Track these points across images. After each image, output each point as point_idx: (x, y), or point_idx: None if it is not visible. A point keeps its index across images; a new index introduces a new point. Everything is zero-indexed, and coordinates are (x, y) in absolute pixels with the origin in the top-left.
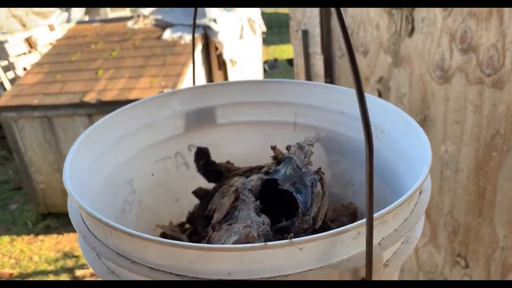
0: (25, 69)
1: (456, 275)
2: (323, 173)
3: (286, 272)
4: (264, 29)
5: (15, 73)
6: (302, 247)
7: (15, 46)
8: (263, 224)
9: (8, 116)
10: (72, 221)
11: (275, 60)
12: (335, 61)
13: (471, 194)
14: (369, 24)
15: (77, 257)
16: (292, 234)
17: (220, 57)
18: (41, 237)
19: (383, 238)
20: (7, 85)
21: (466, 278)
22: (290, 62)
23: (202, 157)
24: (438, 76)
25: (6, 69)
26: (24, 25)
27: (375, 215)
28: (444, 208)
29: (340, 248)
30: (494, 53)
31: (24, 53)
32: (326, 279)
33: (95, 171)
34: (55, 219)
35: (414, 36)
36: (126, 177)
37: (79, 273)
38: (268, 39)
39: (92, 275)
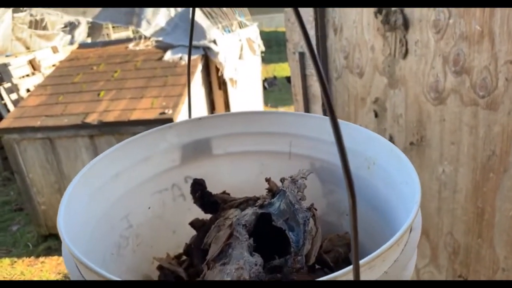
0: (28, 90)
1: None
2: (315, 209)
3: None
4: (263, 48)
5: (18, 94)
6: None
7: (18, 68)
8: (256, 265)
9: (10, 138)
10: (66, 266)
11: (274, 77)
12: (332, 82)
13: (469, 215)
14: (364, 47)
15: None
16: None
17: (220, 77)
18: (42, 258)
19: None
20: (11, 107)
21: None
22: (289, 79)
23: (198, 189)
24: (433, 98)
25: (10, 91)
26: (28, 48)
27: (361, 261)
28: (444, 228)
29: None
30: (487, 75)
31: (28, 75)
32: None
33: (92, 208)
34: (56, 240)
35: (408, 58)
36: (123, 212)
37: None
38: (267, 57)
39: None
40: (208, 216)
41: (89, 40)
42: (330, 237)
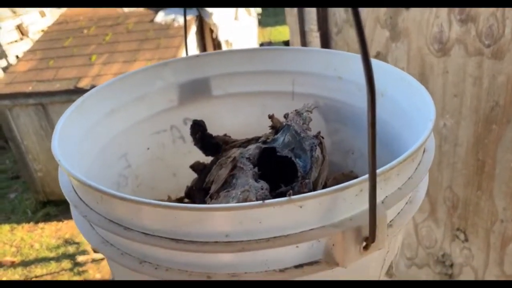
0: (17, 56)
1: (455, 249)
2: (323, 137)
3: (287, 232)
4: (259, 10)
5: (7, 61)
6: (302, 204)
7: (6, 34)
8: (262, 189)
9: (2, 105)
10: (63, 192)
11: (270, 42)
12: (332, 37)
13: (470, 168)
14: None
15: (78, 243)
16: (291, 191)
17: (215, 39)
18: (41, 225)
19: (386, 196)
20: (0, 73)
21: (466, 252)
22: (286, 44)
23: (198, 130)
24: (436, 49)
25: None
26: (14, 12)
27: (378, 170)
28: (443, 183)
29: (342, 206)
30: (494, 22)
31: (16, 41)
32: (329, 238)
33: (87, 144)
34: (54, 207)
35: (411, 8)
36: (120, 151)
37: (80, 259)
38: (264, 21)
39: (93, 260)
40: (209, 160)
41: None
42: (335, 176)
